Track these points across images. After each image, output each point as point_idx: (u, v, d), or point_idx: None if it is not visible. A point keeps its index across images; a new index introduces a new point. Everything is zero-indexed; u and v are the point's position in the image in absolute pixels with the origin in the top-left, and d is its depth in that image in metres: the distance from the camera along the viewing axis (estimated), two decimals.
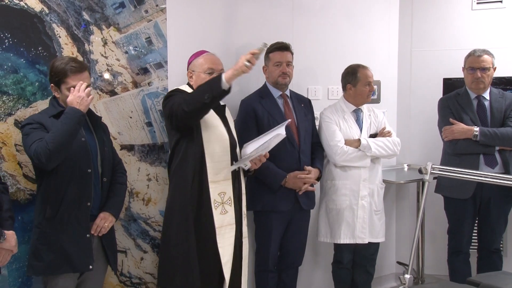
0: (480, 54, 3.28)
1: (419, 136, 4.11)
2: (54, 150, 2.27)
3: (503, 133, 3.18)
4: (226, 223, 2.68)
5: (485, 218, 3.35)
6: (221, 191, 2.68)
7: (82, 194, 2.43)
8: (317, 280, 3.80)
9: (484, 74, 3.27)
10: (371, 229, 3.28)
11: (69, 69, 2.39)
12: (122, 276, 2.94)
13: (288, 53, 3.15)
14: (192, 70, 2.78)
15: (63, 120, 2.32)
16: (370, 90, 3.30)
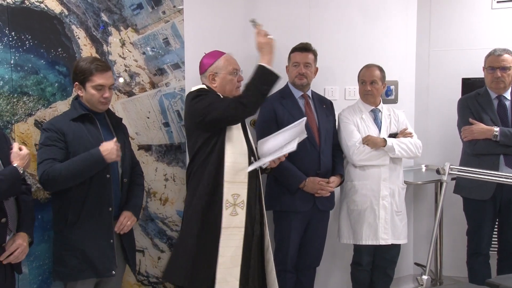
0: (501, 53, 3.23)
1: (437, 137, 4.05)
2: (60, 183, 2.32)
3: None
4: (234, 225, 2.65)
5: (505, 220, 3.28)
6: (235, 192, 2.65)
7: (103, 200, 2.44)
8: (334, 281, 3.77)
9: (504, 73, 3.22)
10: (393, 230, 3.24)
11: (94, 68, 2.42)
12: (139, 275, 2.96)
13: (308, 54, 3.14)
14: (215, 73, 2.73)
15: (84, 159, 2.34)
16: (364, 89, 3.26)
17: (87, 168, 2.35)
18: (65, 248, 2.41)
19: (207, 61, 2.77)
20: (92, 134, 2.45)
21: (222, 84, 2.73)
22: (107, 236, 2.45)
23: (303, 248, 3.24)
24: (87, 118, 2.46)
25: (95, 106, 2.46)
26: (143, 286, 2.97)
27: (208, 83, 2.75)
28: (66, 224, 2.40)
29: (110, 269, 2.45)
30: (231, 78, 2.72)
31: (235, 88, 2.74)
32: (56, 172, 2.30)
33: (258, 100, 2.59)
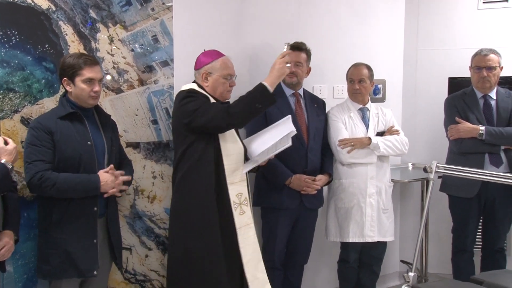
0: (487, 53, 3.26)
1: (424, 135, 4.09)
2: (49, 193, 2.31)
3: (508, 132, 3.16)
4: (244, 223, 2.68)
5: (490, 218, 3.33)
6: (238, 192, 2.68)
7: (88, 199, 2.42)
8: (322, 279, 3.79)
9: (490, 73, 3.25)
10: (379, 228, 3.27)
11: (83, 62, 2.40)
12: (126, 273, 2.94)
13: (301, 53, 3.14)
14: (209, 72, 2.72)
15: (81, 182, 2.35)
16: (352, 87, 3.28)
17: (79, 191, 2.36)
18: (49, 247, 2.40)
19: (204, 59, 2.76)
20: (80, 133, 2.42)
21: (214, 85, 2.72)
22: (91, 236, 2.43)
23: (291, 245, 3.25)
24: (75, 116, 2.44)
25: (85, 101, 2.44)
26: (130, 284, 2.96)
27: (200, 81, 2.75)
28: (51, 223, 2.39)
29: (92, 269, 2.43)
30: (223, 81, 2.71)
31: (225, 91, 2.74)
32: (50, 182, 2.30)
33: (246, 115, 2.59)
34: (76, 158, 2.39)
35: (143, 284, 3.00)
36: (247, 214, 2.69)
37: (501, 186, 3.14)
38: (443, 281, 2.29)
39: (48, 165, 2.34)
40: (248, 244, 2.68)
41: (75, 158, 2.38)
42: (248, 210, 2.71)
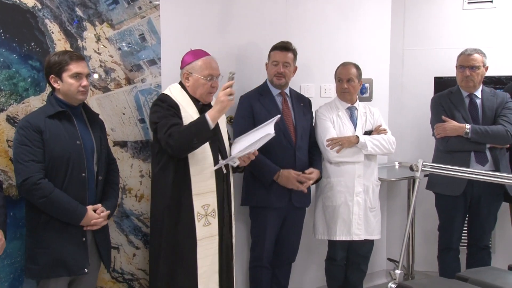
0: (471, 53, 3.30)
1: (410, 134, 4.13)
2: (38, 202, 2.32)
3: (494, 131, 3.20)
4: (208, 234, 2.67)
5: (475, 216, 3.37)
6: (205, 203, 2.66)
7: (77, 198, 2.41)
8: (310, 277, 3.81)
9: (474, 72, 3.29)
10: (366, 226, 3.29)
11: (69, 57, 2.40)
12: (114, 272, 2.93)
13: (288, 53, 3.13)
14: (190, 72, 2.70)
15: (69, 208, 2.36)
16: (341, 87, 3.29)
17: (62, 216, 2.37)
18: (37, 246, 2.38)
19: (187, 58, 2.75)
20: (69, 132, 2.41)
21: (194, 86, 2.71)
22: (80, 235, 2.43)
23: (279, 244, 3.26)
24: (64, 115, 2.42)
25: (74, 96, 2.42)
26: (118, 283, 2.95)
27: (183, 81, 2.75)
28: (39, 222, 2.38)
29: (83, 267, 2.43)
30: (204, 82, 2.68)
31: (206, 93, 2.71)
32: (41, 193, 2.31)
33: (185, 146, 2.51)
34: (65, 157, 2.38)
35: (131, 283, 2.99)
36: (213, 226, 2.67)
37: (486, 184, 3.18)
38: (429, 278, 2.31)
39: (40, 165, 2.33)
40: (208, 255, 2.66)
41: (64, 157, 2.37)
42: (214, 222, 2.68)
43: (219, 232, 2.70)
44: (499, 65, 3.72)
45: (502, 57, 3.80)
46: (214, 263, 2.69)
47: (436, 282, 2.06)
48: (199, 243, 2.63)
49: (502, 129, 3.21)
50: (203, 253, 2.64)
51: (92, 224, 2.44)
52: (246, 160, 2.74)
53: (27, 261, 2.42)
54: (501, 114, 3.28)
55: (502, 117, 3.27)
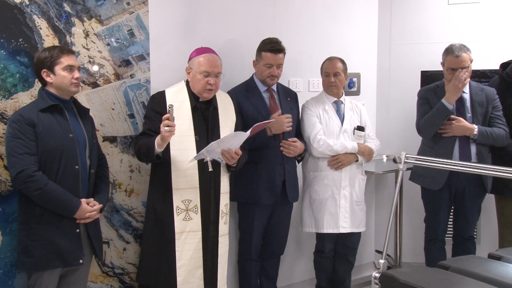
0: (459, 54, 3.25)
1: (397, 128, 4.18)
2: (32, 194, 2.35)
3: (497, 134, 3.27)
4: (188, 229, 2.72)
5: (460, 207, 3.44)
6: (185, 198, 2.72)
7: (71, 191, 2.44)
8: (299, 269, 3.86)
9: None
10: (352, 219, 3.34)
11: (59, 50, 2.43)
12: (104, 266, 2.96)
13: (280, 54, 3.15)
14: (190, 68, 2.80)
15: (63, 201, 2.39)
16: (328, 81, 3.33)
17: (56, 208, 2.41)
18: (31, 239, 2.40)
19: (192, 54, 2.85)
20: (62, 125, 2.44)
21: (192, 81, 2.80)
22: (74, 226, 2.47)
23: (267, 237, 3.31)
24: (56, 109, 2.45)
25: (67, 89, 2.45)
26: (108, 277, 2.98)
27: (187, 75, 2.84)
28: (33, 215, 2.40)
29: (78, 257, 2.47)
30: (199, 78, 2.74)
31: (204, 89, 2.76)
32: (36, 185, 2.34)
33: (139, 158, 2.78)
34: (58, 150, 2.40)
35: (121, 277, 3.03)
36: (194, 221, 2.73)
37: (470, 176, 3.25)
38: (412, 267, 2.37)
39: (34, 157, 2.35)
40: (188, 249, 2.72)
41: (57, 150, 2.40)
42: (197, 218, 2.73)
43: (203, 228, 2.75)
44: (484, 59, 3.77)
45: (486, 51, 3.86)
46: (196, 258, 2.74)
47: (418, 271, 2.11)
48: (177, 236, 2.70)
49: (503, 133, 3.28)
50: (182, 247, 2.71)
51: (85, 217, 2.47)
52: (230, 159, 2.75)
53: (20, 255, 2.43)
54: (494, 116, 3.33)
55: (496, 119, 3.32)
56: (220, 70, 2.80)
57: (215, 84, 2.77)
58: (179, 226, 2.71)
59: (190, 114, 2.75)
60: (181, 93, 2.80)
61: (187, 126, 2.74)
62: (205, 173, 2.75)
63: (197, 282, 2.75)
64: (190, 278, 2.73)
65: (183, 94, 2.79)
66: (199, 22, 3.27)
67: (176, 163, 2.70)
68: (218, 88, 2.84)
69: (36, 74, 2.48)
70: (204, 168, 2.74)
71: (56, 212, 2.41)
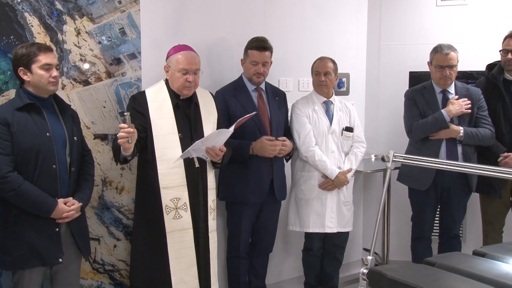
0: (447, 52, 3.33)
1: (386, 127, 4.23)
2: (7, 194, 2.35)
3: (482, 135, 3.32)
4: (179, 227, 2.72)
5: (446, 206, 3.50)
6: (174, 196, 2.72)
7: (49, 191, 2.42)
8: (287, 267, 3.90)
9: (452, 71, 3.36)
10: (339, 219, 3.38)
11: (37, 48, 2.39)
12: (95, 263, 2.98)
13: (266, 52, 3.17)
14: (169, 66, 2.80)
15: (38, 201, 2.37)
16: (318, 80, 3.36)
17: (32, 208, 2.39)
18: (9, 238, 2.40)
19: (170, 52, 2.84)
20: (38, 124, 2.41)
21: (171, 79, 2.80)
22: (53, 226, 2.45)
23: (255, 235, 3.34)
24: (33, 108, 2.41)
25: (44, 87, 2.41)
26: (99, 274, 3.00)
27: (165, 73, 2.84)
28: (10, 215, 2.40)
29: (56, 257, 2.45)
30: (178, 76, 2.75)
31: (182, 87, 2.77)
32: (10, 186, 2.33)
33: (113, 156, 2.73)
34: (34, 149, 2.37)
35: (112, 274, 3.05)
36: (184, 219, 2.73)
37: (456, 176, 3.31)
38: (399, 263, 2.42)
39: (8, 158, 2.33)
40: (180, 248, 2.72)
41: (33, 149, 2.37)
42: (186, 216, 2.73)
43: (193, 225, 2.76)
44: (471, 60, 3.84)
45: (473, 52, 3.92)
46: (189, 256, 2.75)
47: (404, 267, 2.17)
48: (168, 235, 2.70)
49: (489, 133, 3.34)
50: (174, 245, 2.71)
51: (63, 217, 2.45)
52: (215, 156, 2.76)
53: (0, 253, 2.43)
54: (480, 116, 3.38)
55: (482, 120, 3.37)
56: (198, 67, 2.80)
57: (194, 81, 2.77)
58: (170, 225, 2.71)
59: (172, 113, 2.76)
60: (162, 92, 2.80)
61: (170, 125, 2.74)
62: (192, 170, 2.78)
63: (192, 280, 2.75)
64: (185, 277, 2.74)
65: (163, 93, 2.80)
66: (190, 21, 3.29)
67: (162, 162, 2.70)
68: (198, 84, 2.84)
69: (14, 71, 2.44)
70: (190, 165, 2.76)
71: (33, 212, 2.40)
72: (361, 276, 2.15)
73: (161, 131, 2.70)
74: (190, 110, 2.84)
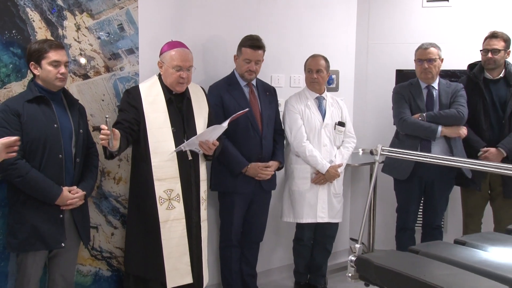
0: (427, 47, 3.47)
1: (373, 122, 4.29)
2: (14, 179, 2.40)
3: (446, 112, 3.41)
4: (172, 218, 2.77)
5: (429, 199, 3.58)
6: (167, 188, 2.76)
7: (54, 179, 2.49)
8: (278, 256, 3.95)
9: (431, 64, 3.46)
10: (330, 210, 3.44)
11: (48, 46, 2.46)
12: (93, 250, 3.01)
13: (259, 51, 3.21)
14: (163, 62, 2.83)
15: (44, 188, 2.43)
16: (311, 77, 3.41)
17: (38, 194, 2.45)
18: (16, 222, 2.47)
19: (164, 48, 2.87)
20: (47, 116, 2.48)
21: (165, 75, 2.84)
22: (57, 212, 2.52)
23: (247, 224, 3.39)
24: (43, 100, 2.49)
25: (52, 82, 2.48)
26: (97, 261, 3.03)
27: (159, 69, 2.87)
28: (18, 200, 2.47)
29: (59, 241, 2.52)
30: (172, 72, 2.78)
31: (176, 82, 2.80)
32: (18, 172, 2.39)
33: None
34: (42, 139, 2.44)
35: (109, 260, 3.08)
36: (177, 210, 2.78)
37: (439, 169, 3.38)
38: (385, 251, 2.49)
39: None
40: (173, 237, 2.77)
41: (41, 139, 2.44)
42: (179, 206, 2.78)
43: (186, 216, 2.81)
44: (454, 59, 3.91)
45: (457, 52, 3.98)
46: (182, 244, 2.80)
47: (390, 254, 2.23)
48: (162, 225, 2.75)
49: (454, 111, 3.41)
50: (168, 235, 2.76)
51: (67, 204, 2.52)
52: (208, 150, 2.82)
53: (8, 236, 2.52)
54: (455, 101, 3.47)
55: (455, 103, 3.46)
56: (191, 64, 2.83)
57: (187, 78, 2.81)
58: (163, 216, 2.75)
59: (165, 107, 2.80)
60: (155, 87, 2.84)
61: (163, 119, 2.78)
62: (185, 163, 2.82)
63: (185, 268, 2.80)
64: (177, 265, 2.79)
65: (156, 88, 2.83)
66: (186, 18, 3.32)
67: (156, 154, 2.74)
68: (190, 81, 2.88)
69: (27, 65, 2.52)
70: (183, 158, 2.81)
71: (39, 198, 2.46)
72: (349, 263, 2.20)
73: (154, 125, 2.75)
74: (183, 105, 2.88)
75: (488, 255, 2.13)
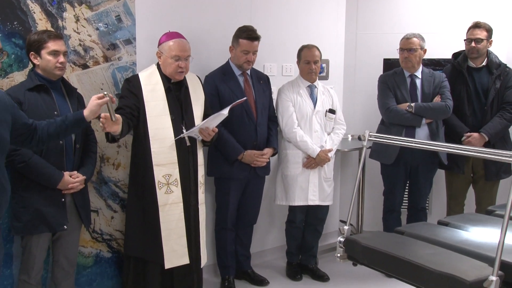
0: (409, 37, 3.49)
1: (361, 110, 4.33)
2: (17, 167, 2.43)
3: (434, 105, 3.45)
4: (171, 201, 2.80)
5: (414, 182, 3.64)
6: (165, 173, 2.78)
7: (56, 164, 2.51)
8: (271, 237, 4.00)
9: (411, 54, 3.48)
10: (320, 193, 3.49)
11: (47, 36, 2.48)
12: (94, 233, 3.04)
13: (256, 42, 3.22)
14: (161, 52, 2.83)
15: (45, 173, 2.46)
16: (309, 68, 3.42)
17: (39, 179, 2.48)
18: (20, 205, 2.50)
19: (162, 38, 2.87)
20: (47, 104, 2.50)
21: (163, 65, 2.84)
22: (59, 196, 2.55)
23: (241, 208, 3.43)
24: (43, 88, 2.50)
25: (51, 71, 2.50)
26: (98, 243, 3.07)
27: (158, 59, 2.87)
28: (21, 185, 2.49)
29: (62, 224, 2.55)
30: (171, 62, 2.79)
31: (175, 72, 2.81)
32: (21, 158, 2.43)
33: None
34: None
35: (109, 242, 3.12)
36: (175, 194, 2.80)
37: (423, 154, 3.44)
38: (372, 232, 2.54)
39: None
40: (171, 220, 2.80)
41: None
42: (177, 190, 2.80)
43: (184, 200, 2.84)
44: (439, 48, 3.94)
45: (441, 41, 4.02)
46: (179, 227, 2.83)
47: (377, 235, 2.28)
48: (160, 209, 2.78)
49: (442, 104, 3.44)
50: (166, 218, 2.79)
51: (69, 188, 2.55)
52: (207, 136, 2.85)
53: (12, 220, 2.54)
54: (440, 92, 3.51)
55: (441, 95, 3.50)
56: (189, 54, 2.85)
57: (185, 67, 2.83)
58: (162, 199, 2.78)
59: (164, 95, 2.82)
60: (154, 76, 2.85)
61: (162, 107, 2.80)
62: (183, 148, 2.85)
63: (182, 249, 2.84)
64: (175, 247, 2.82)
65: (156, 77, 2.84)
66: (181, 9, 3.30)
67: (155, 141, 2.76)
68: (188, 70, 2.89)
69: (27, 55, 2.53)
70: (182, 144, 2.83)
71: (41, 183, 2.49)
72: (338, 244, 2.23)
73: (154, 113, 2.77)
74: (181, 93, 2.89)
75: (469, 235, 2.19)
